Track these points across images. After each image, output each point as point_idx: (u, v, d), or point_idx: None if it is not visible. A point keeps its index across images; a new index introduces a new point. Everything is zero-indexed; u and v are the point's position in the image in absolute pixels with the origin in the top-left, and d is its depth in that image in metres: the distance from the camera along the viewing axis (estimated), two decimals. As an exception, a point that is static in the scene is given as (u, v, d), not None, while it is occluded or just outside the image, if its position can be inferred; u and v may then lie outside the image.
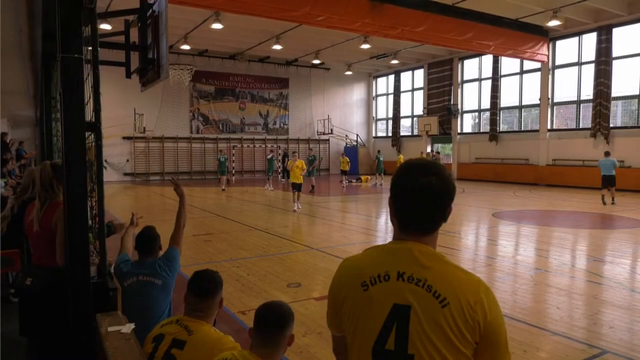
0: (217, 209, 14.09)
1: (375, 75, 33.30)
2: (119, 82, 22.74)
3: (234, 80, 28.86)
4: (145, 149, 26.37)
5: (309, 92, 31.26)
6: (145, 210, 14.40)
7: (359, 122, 33.56)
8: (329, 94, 32.02)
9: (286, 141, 30.51)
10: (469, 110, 27.19)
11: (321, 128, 31.25)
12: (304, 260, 7.47)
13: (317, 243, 8.76)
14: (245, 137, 29.17)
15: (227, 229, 10.46)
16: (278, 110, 30.53)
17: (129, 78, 4.10)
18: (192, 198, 17.47)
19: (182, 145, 27.48)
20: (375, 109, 33.92)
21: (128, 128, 25.22)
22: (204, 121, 28.20)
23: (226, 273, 6.49)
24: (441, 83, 27.69)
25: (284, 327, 2.04)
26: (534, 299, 5.62)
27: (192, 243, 8.83)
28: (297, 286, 5.99)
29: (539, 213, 13.35)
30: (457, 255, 7.86)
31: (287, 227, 10.55)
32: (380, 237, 9.75)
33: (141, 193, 19.62)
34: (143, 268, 3.18)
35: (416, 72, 30.13)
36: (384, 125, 33.83)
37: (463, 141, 26.80)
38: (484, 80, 25.82)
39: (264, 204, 15.36)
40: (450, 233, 9.86)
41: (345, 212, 13.60)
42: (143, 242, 3.30)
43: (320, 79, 31.36)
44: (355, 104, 33.36)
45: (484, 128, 26.24)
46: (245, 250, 8.19)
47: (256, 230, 10.18)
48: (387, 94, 32.79)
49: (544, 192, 19.22)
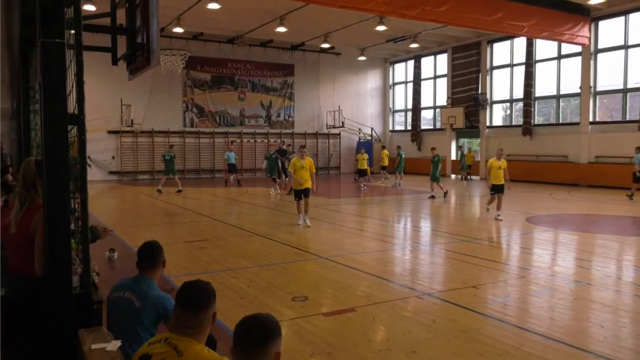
0: (212, 212, 14.12)
1: (392, 61, 33.21)
2: (104, 70, 22.63)
3: (233, 67, 28.96)
4: (133, 145, 26.56)
5: (317, 80, 31.27)
6: (132, 213, 14.49)
7: (374, 114, 33.51)
8: (339, 82, 32.00)
9: (291, 135, 30.54)
10: (499, 101, 27.02)
11: (331, 121, 31.25)
12: (311, 271, 7.47)
13: (326, 251, 8.74)
14: (245, 130, 29.26)
15: (224, 235, 10.47)
16: (282, 101, 30.58)
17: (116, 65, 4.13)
18: (185, 200, 17.55)
19: (175, 141, 27.60)
20: (393, 99, 33.82)
21: (114, 121, 25.41)
22: (198, 113, 28.34)
23: (223, 284, 6.51)
24: (467, 69, 27.56)
25: (269, 342, 2.02)
26: (573, 316, 5.58)
27: (184, 250, 8.85)
28: (304, 300, 6.00)
29: (580, 218, 13.23)
30: (485, 266, 7.82)
31: (293, 233, 10.55)
32: (397, 245, 9.73)
33: (128, 194, 19.75)
34: (135, 284, 3.20)
35: (439, 57, 30.01)
36: (402, 118, 33.71)
37: (492, 135, 26.64)
38: (516, 67, 25.65)
39: (266, 206, 15.39)
40: (479, 241, 9.81)
41: (359, 216, 13.58)
42: (142, 255, 3.31)
43: (329, 65, 31.36)
44: (369, 93, 33.31)
45: (516, 121, 26.06)
46: (244, 258, 8.19)
47: (257, 236, 10.18)
48: (405, 82, 32.68)
49: (585, 193, 19.06)
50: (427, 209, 15.05)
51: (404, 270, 7.69)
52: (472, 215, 14.58)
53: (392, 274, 7.30)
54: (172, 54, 22.35)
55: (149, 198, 18.27)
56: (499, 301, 5.98)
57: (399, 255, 8.88)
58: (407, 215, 14.06)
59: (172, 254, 7.91)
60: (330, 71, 31.45)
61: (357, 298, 6.12)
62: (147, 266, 3.27)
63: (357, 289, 6.56)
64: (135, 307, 3.09)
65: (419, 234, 11.13)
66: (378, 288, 6.56)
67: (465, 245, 9.32)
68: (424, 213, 14.50)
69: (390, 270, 7.62)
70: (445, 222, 12.72)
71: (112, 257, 7.90)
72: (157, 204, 16.66)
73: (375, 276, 7.09)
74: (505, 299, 6.07)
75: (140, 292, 3.13)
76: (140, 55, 3.73)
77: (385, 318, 5.45)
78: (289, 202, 14.58)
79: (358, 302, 5.89)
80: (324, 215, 12.91)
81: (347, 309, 5.66)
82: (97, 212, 13.03)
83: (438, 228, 11.95)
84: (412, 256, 8.75)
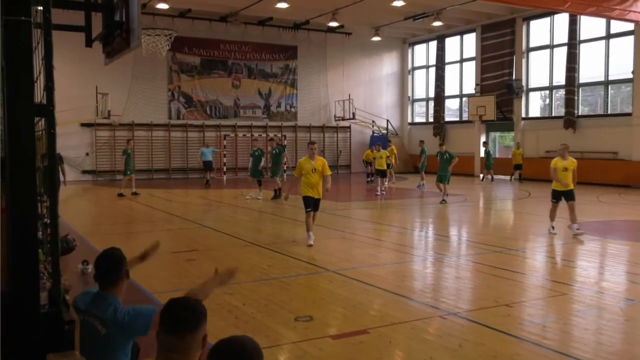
0: (202, 218, 14.14)
1: (411, 42, 33.17)
2: (77, 53, 22.80)
3: (226, 49, 29.06)
4: (110, 140, 26.69)
5: (324, 64, 31.30)
6: (110, 219, 14.55)
7: (390, 103, 33.47)
8: (350, 67, 32.02)
9: (294, 129, 30.59)
10: (536, 88, 26.92)
11: (340, 112, 31.28)
12: (317, 286, 7.47)
13: (334, 263, 8.75)
14: (240, 123, 29.34)
15: (216, 244, 10.49)
16: (283, 89, 30.64)
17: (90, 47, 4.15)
18: (170, 203, 17.59)
19: (159, 135, 27.74)
20: (412, 86, 33.77)
21: (88, 112, 25.55)
22: (186, 103, 28.45)
23: (215, 302, 6.52)
24: (499, 52, 27.49)
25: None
26: (625, 340, 5.55)
27: (170, 263, 8.87)
28: (308, 320, 6.00)
29: (632, 225, 13.14)
30: (520, 281, 7.79)
31: (296, 243, 10.56)
32: (417, 256, 9.71)
33: (104, 196, 19.83)
34: (95, 305, 3.19)
35: (466, 37, 29.94)
36: (422, 108, 33.64)
37: (529, 128, 26.55)
38: (556, 48, 25.55)
39: (264, 211, 15.41)
40: (512, 251, 9.78)
41: (372, 223, 13.58)
42: (100, 268, 3.29)
43: (338, 47, 31.38)
44: (385, 80, 33.28)
45: (556, 111, 25.95)
46: (240, 272, 8.16)
47: (254, 246, 10.20)
48: (427, 67, 32.62)
49: (639, 196, 18.94)
50: (451, 215, 14.99)
51: (425, 285, 7.67)
52: (504, 222, 14.51)
53: (411, 290, 7.29)
54: (156, 34, 22.43)
55: (129, 202, 18.33)
56: (537, 322, 5.95)
57: (419, 268, 8.86)
58: (428, 222, 14.02)
59: (155, 267, 7.91)
60: (339, 54, 31.47)
61: (371, 318, 6.11)
62: (108, 283, 3.25)
63: (370, 307, 6.55)
64: (100, 334, 3.09)
65: (442, 243, 11.08)
66: (395, 306, 6.54)
67: (496, 256, 9.28)
68: (448, 219, 14.44)
69: (409, 285, 7.60)
70: (473, 230, 12.68)
71: (85, 270, 7.87)
72: (137, 208, 16.70)
73: (392, 292, 7.08)
74: (543, 320, 6.04)
75: (104, 318, 3.12)
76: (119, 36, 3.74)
77: (403, 341, 5.43)
78: (292, 206, 14.57)
79: (371, 323, 5.88)
80: (332, 222, 12.91)
81: (359, 330, 5.64)
82: (69, 217, 13.09)
83: (465, 236, 11.90)
84: (434, 269, 8.73)
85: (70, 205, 16.47)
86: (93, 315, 3.14)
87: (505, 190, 22.03)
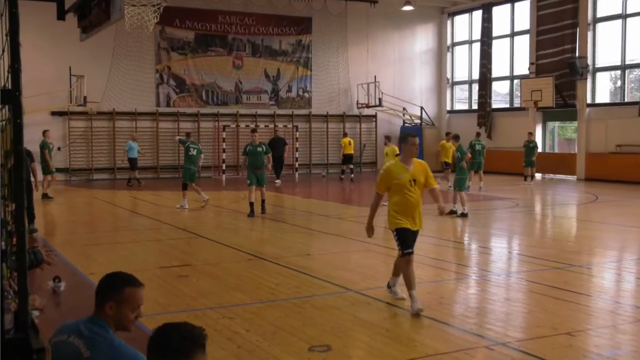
0: (197, 226, 14.19)
1: (451, 11, 33.03)
2: (47, 28, 23.05)
3: (225, 21, 29.18)
4: (87, 131, 26.94)
5: (344, 40, 31.28)
6: (86, 227, 14.67)
7: (425, 87, 33.37)
8: (376, 42, 31.97)
9: (307, 118, 30.60)
10: (605, 67, 26.64)
11: (363, 97, 31.25)
12: (335, 309, 7.46)
13: (356, 282, 8.73)
14: (243, 111, 29.43)
15: (213, 258, 10.50)
16: (295, 69, 30.68)
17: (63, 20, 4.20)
18: (159, 208, 17.69)
19: (144, 126, 27.92)
20: (452, 66, 33.60)
21: (60, 98, 25.81)
22: (177, 87, 28.61)
23: (213, 328, 6.55)
24: (559, 23, 27.25)
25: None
26: None
27: (158, 279, 8.91)
28: (325, 350, 5.99)
29: None
30: (585, 304, 7.73)
31: (310, 256, 10.56)
32: (458, 272, 9.64)
33: (80, 200, 19.98)
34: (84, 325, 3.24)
35: (518, 5, 29.76)
36: (464, 93, 33.47)
37: (596, 117, 26.31)
38: (631, 18, 25.29)
39: (270, 218, 15.45)
40: (574, 267, 9.70)
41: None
42: (99, 290, 3.37)
43: (361, 18, 31.35)
44: (418, 58, 33.17)
45: (630, 96, 25.67)
46: (242, 291, 8.22)
47: (259, 260, 10.21)
48: (470, 42, 32.46)
49: None
50: (500, 224, 14.90)
51: (468, 309, 7.63)
52: (565, 232, 14.39)
53: (450, 315, 7.26)
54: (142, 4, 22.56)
55: (109, 206, 18.47)
56: (606, 355, 5.91)
57: (460, 288, 8.83)
58: (472, 232, 13.96)
59: (140, 285, 7.99)
60: (362, 27, 31.44)
61: (401, 349, 6.09)
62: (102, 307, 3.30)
63: (400, 335, 6.54)
64: (82, 357, 3.13)
65: (488, 258, 11.03)
66: (431, 334, 6.53)
67: (555, 274, 9.21)
68: (496, 229, 14.35)
69: (449, 309, 7.57)
70: (527, 242, 12.60)
71: (57, 288, 7.96)
72: (119, 214, 16.81)
73: (427, 317, 7.05)
74: (614, 352, 5.99)
75: (90, 338, 3.16)
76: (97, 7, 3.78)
77: (440, 377, 5.43)
78: (305, 212, 14.55)
79: (402, 355, 5.86)
80: (354, 231, 12.89)
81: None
82: (37, 225, 13.24)
83: (516, 249, 11.83)
84: (479, 289, 8.69)
85: (39, 211, 16.63)
86: (78, 335, 3.18)
87: (566, 192, 21.83)
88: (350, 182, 25.82)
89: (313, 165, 30.80)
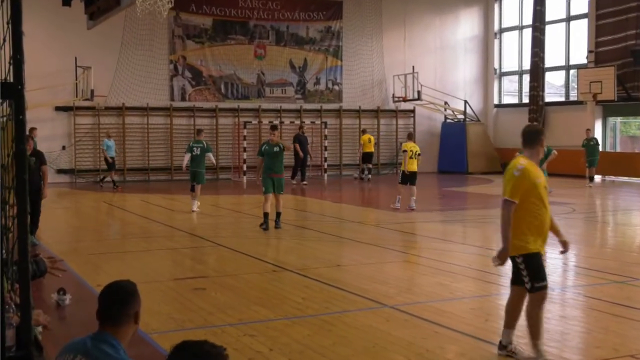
0: (215, 233, 14.24)
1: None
2: (51, 15, 23.30)
3: (246, 6, 29.30)
4: (94, 128, 27.21)
5: (379, 25, 31.23)
6: (94, 234, 14.81)
7: (469, 79, 33.20)
8: (414, 28, 31.88)
9: (337, 114, 30.57)
10: (674, 55, 26.25)
11: (400, 90, 31.15)
12: (369, 327, 7.45)
13: (392, 296, 8.71)
14: (265, 106, 29.53)
15: (233, 269, 10.54)
16: (323, 59, 30.68)
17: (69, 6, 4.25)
18: (173, 214, 17.80)
19: (157, 122, 28.12)
20: (499, 55, 33.37)
21: (65, 92, 26.16)
22: (193, 79, 28.79)
23: (232, 346, 6.58)
24: (622, 6, 26.93)
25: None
26: None
27: (172, 292, 8.96)
28: (357, 372, 6.00)
29: None
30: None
31: (341, 268, 10.54)
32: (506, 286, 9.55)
33: (87, 204, 20.16)
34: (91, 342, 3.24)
35: (575, -15, 29.49)
36: (514, 85, 33.18)
37: (664, 112, 25.90)
38: (703, -1, 24.87)
39: (296, 224, 15.46)
40: (636, 282, 9.57)
41: (445, 241, 13.44)
42: (103, 302, 3.35)
43: (398, 2, 31.32)
44: (462, 46, 33.03)
45: (703, 87, 25.24)
46: (265, 306, 8.23)
47: (284, 272, 10.20)
48: (520, 28, 32.25)
49: None
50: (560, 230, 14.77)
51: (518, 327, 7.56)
52: (629, 241, 14.21)
53: (497, 334, 7.19)
54: (154, -13, 22.76)
55: (119, 211, 18.61)
56: (675, 380, 5.83)
57: (509, 303, 8.75)
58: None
59: (153, 298, 8.01)
60: (399, 12, 31.39)
61: (442, 371, 6.07)
62: (111, 319, 3.29)
63: (442, 356, 6.52)
64: None
65: (542, 270, 10.93)
66: (476, 355, 6.51)
67: (617, 288, 9.11)
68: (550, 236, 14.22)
69: (496, 327, 7.50)
70: (585, 252, 12.45)
71: (62, 301, 8.04)
72: (130, 220, 16.91)
73: (471, 336, 7.02)
74: (685, 377, 5.91)
75: (98, 357, 3.15)
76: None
77: (487, 404, 5.39)
78: (335, 218, 14.45)
79: (443, 378, 5.85)
80: (389, 239, 12.84)
81: (426, 388, 5.62)
82: (40, 232, 13.40)
83: (573, 261, 11.70)
84: (530, 306, 8.61)
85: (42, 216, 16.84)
86: (85, 355, 3.16)
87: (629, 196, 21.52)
88: (368, 183, 26.49)
89: (344, 166, 30.77)
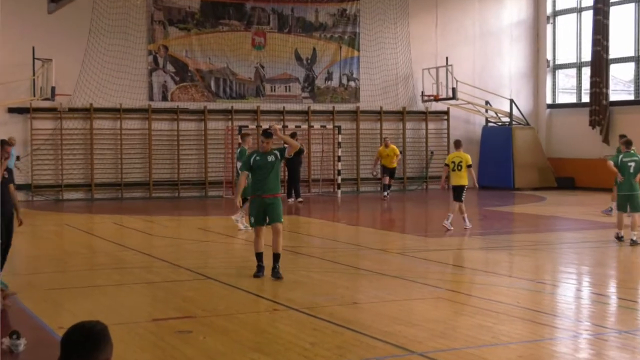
0: (202, 264, 14.26)
1: (549, -30, 32.97)
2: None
3: (243, -13, 29.42)
4: (55, 134, 27.30)
5: (405, 9, 31.41)
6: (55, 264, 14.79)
7: (516, 73, 33.31)
8: (448, 12, 32.05)
9: (354, 116, 30.58)
10: None
11: (431, 88, 31.16)
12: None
13: (423, 341, 8.66)
14: (265, 107, 29.63)
15: (225, 307, 10.55)
16: (336, 49, 30.77)
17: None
18: (151, 239, 17.76)
19: (133, 126, 28.22)
20: (553, 44, 33.41)
21: (20, 90, 26.32)
22: (176, 74, 28.90)
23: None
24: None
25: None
26: None
27: (152, 337, 8.94)
28: None
29: None
30: None
31: (358, 306, 10.54)
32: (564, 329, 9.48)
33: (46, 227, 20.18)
34: None
35: (642, -40, 29.53)
36: (571, 80, 33.18)
37: None
38: None
39: (303, 252, 15.40)
40: None
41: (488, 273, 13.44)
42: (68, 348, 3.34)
43: (427, -19, 31.45)
44: (507, 34, 33.16)
45: None
46: (264, 353, 8.21)
47: (288, 310, 10.20)
48: (578, 10, 32.33)
49: None
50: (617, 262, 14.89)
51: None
52: None
53: (553, 390, 7.12)
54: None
55: (85, 236, 18.62)
56: None
57: (566, 350, 8.70)
58: (582, 273, 13.87)
59: (127, 344, 8.02)
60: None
61: None
62: None
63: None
64: None
65: (605, 309, 10.92)
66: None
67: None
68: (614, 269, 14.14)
69: (550, 381, 7.43)
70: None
71: (15, 347, 8.04)
72: (99, 246, 16.92)
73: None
74: None
75: None
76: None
77: None
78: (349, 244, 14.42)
79: None
80: (419, 271, 12.80)
81: None
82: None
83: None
84: (593, 353, 8.57)
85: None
86: None
87: None
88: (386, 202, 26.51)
89: (362, 180, 30.70)
